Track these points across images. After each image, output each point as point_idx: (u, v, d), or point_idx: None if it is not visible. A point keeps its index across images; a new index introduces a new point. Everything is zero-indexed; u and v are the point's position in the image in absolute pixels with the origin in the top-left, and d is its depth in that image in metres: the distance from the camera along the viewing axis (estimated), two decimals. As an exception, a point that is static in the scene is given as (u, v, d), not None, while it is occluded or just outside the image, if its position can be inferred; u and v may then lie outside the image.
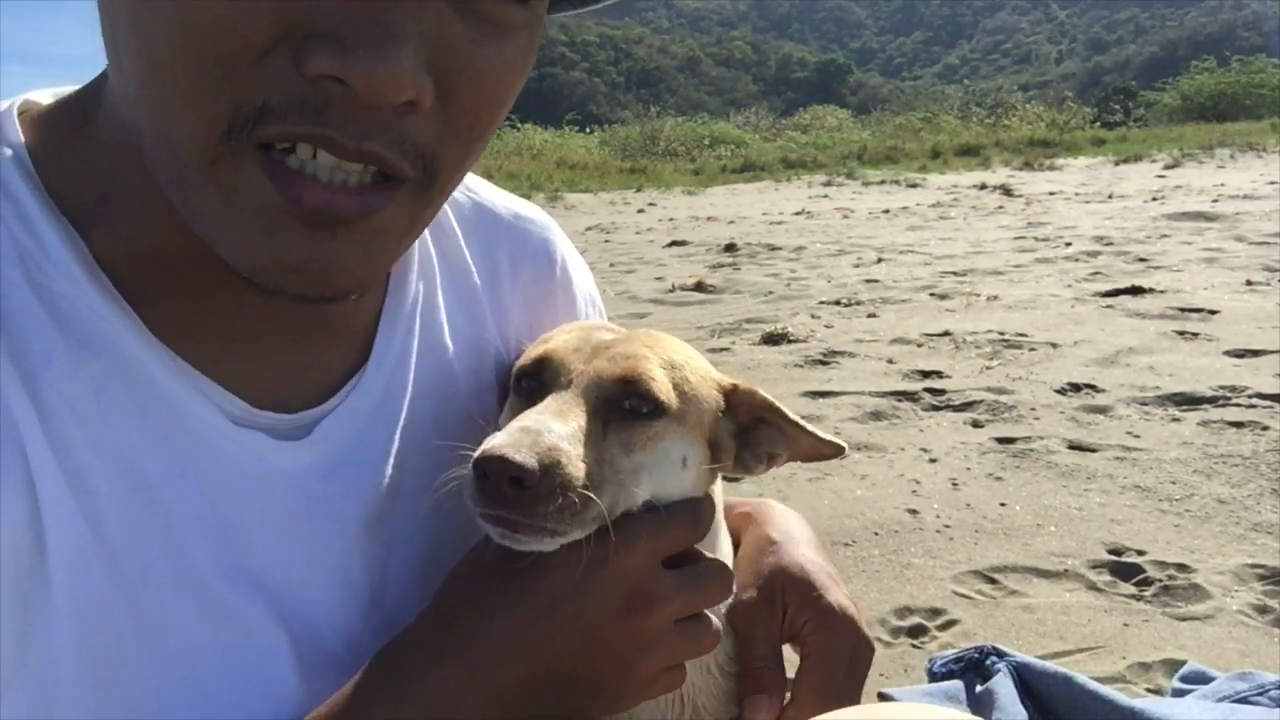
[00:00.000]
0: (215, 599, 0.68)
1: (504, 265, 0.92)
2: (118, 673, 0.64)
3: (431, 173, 0.63)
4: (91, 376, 0.65)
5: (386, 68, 0.54)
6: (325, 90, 0.55)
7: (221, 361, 0.71)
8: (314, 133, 0.57)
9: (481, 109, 0.63)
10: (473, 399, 0.85)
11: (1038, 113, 34.80)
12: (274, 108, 0.56)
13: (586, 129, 37.36)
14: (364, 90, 0.55)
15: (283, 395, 0.74)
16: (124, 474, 0.65)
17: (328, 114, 0.56)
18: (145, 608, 0.65)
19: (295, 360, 0.76)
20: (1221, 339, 4.76)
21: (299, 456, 0.73)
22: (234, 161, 0.57)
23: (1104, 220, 9.90)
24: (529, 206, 0.99)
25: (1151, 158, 18.48)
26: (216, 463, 0.69)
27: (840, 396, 4.17)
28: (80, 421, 0.64)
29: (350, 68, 0.54)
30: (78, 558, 0.62)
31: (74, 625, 0.62)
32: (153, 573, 0.65)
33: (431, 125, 0.60)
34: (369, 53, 0.54)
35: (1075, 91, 77.96)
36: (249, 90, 0.55)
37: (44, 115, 0.72)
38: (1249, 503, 2.90)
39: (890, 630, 2.31)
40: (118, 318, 0.66)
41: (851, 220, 11.77)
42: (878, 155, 24.11)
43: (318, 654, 0.72)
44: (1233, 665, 1.99)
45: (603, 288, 4.49)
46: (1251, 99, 34.46)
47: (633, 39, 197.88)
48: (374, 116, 0.57)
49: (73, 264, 0.66)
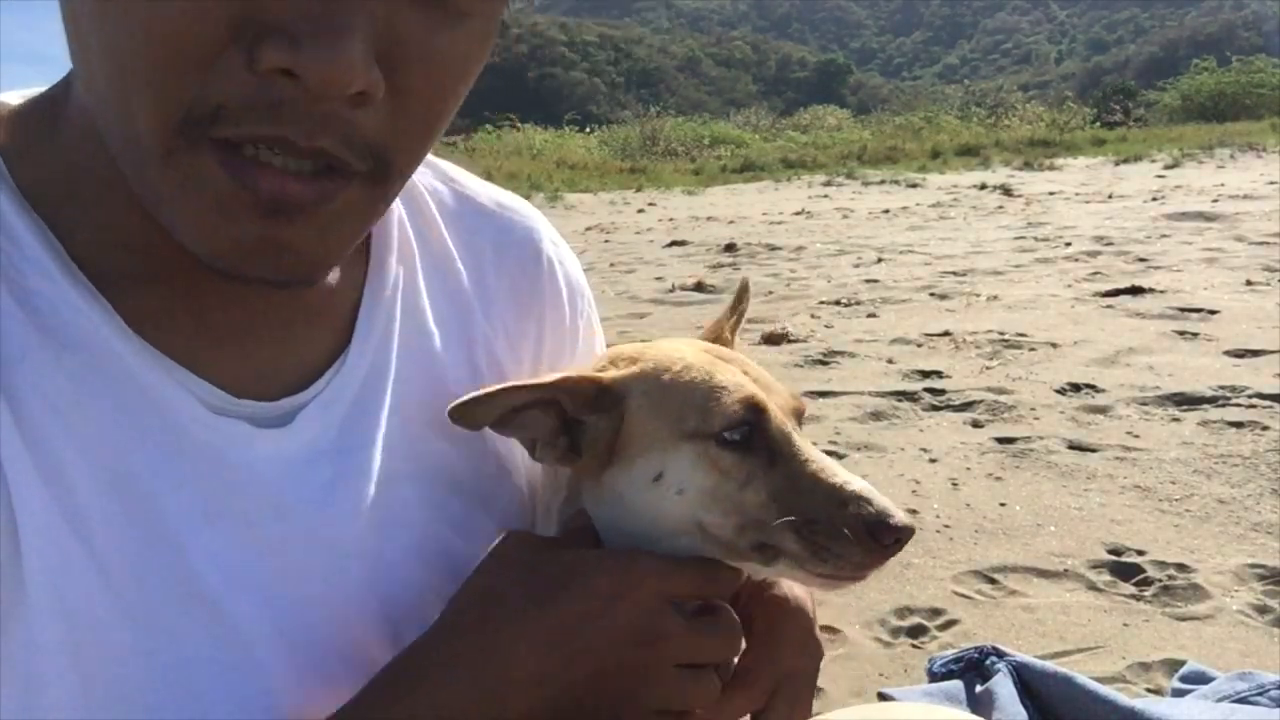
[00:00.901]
0: (202, 593, 0.67)
1: (488, 254, 0.91)
2: (105, 671, 0.63)
3: (384, 165, 0.63)
4: (68, 372, 0.65)
5: (336, 58, 0.55)
6: (278, 88, 0.56)
7: (199, 352, 0.71)
8: (268, 134, 0.57)
9: (435, 98, 0.63)
10: (460, 385, 0.84)
11: (1038, 113, 34.77)
12: (228, 109, 0.56)
13: (586, 129, 37.29)
14: (315, 82, 0.55)
15: (263, 383, 0.74)
16: (105, 469, 0.65)
17: (280, 112, 0.56)
18: (131, 604, 0.65)
19: (275, 348, 0.75)
20: (1221, 339, 4.76)
21: (283, 443, 0.72)
22: (190, 152, 0.58)
23: (1104, 220, 9.90)
24: (512, 197, 0.98)
25: (1151, 158, 18.47)
26: (198, 454, 0.68)
27: (840, 396, 4.17)
28: (57, 417, 0.64)
29: (301, 60, 0.54)
30: (57, 555, 0.62)
31: (58, 624, 0.62)
32: (138, 568, 0.65)
33: (383, 117, 0.61)
34: (319, 44, 0.54)
35: (1075, 91, 77.93)
36: (203, 90, 0.56)
37: (13, 115, 0.72)
38: (1249, 503, 2.90)
39: (890, 630, 2.31)
40: (94, 311, 0.66)
41: (851, 220, 11.77)
42: (878, 155, 24.09)
43: (310, 647, 0.71)
44: (1233, 665, 1.99)
45: (603, 288, 4.48)
46: (1251, 99, 34.44)
47: (633, 39, 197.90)
48: (325, 110, 0.57)
49: (47, 260, 0.66)
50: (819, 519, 0.72)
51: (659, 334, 5.63)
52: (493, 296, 0.90)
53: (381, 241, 0.83)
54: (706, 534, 0.76)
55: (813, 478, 0.74)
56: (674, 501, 0.75)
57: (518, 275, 0.93)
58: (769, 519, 0.74)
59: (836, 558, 0.72)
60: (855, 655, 2.22)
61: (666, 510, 0.76)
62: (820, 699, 2.07)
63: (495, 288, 0.91)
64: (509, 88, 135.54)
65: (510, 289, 0.92)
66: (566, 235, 1.04)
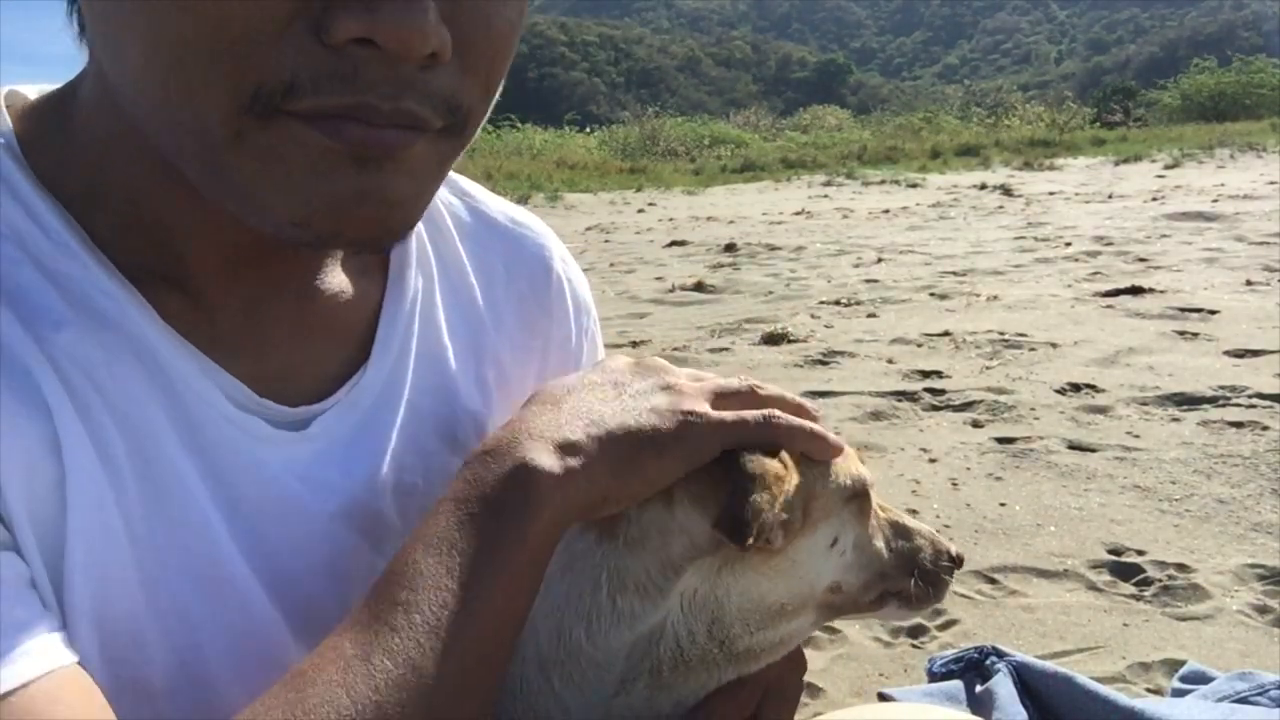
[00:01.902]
0: (226, 579, 0.68)
1: (499, 270, 0.92)
2: (128, 653, 0.64)
3: (459, 119, 0.63)
4: (103, 344, 0.64)
5: (414, 20, 0.55)
6: (352, 56, 0.55)
7: (219, 353, 0.71)
8: (349, 102, 0.57)
9: (495, 58, 0.64)
10: (471, 400, 0.85)
11: (1038, 113, 34.79)
12: (302, 82, 0.55)
13: (586, 129, 37.30)
14: (394, 45, 0.55)
15: (281, 390, 0.74)
16: (140, 446, 0.65)
17: (357, 80, 0.56)
18: (157, 585, 0.65)
19: (294, 356, 0.75)
20: (1221, 339, 4.76)
21: (296, 447, 0.73)
22: (263, 130, 0.57)
23: (1104, 220, 9.90)
24: (525, 214, 0.98)
25: (1151, 158, 18.47)
26: (220, 444, 0.69)
27: (840, 396, 4.17)
28: (97, 390, 0.63)
29: (379, 25, 0.54)
30: (100, 531, 0.62)
31: (91, 602, 0.62)
32: (167, 550, 0.65)
33: (450, 74, 0.61)
34: (395, 8, 0.54)
35: (1075, 91, 77.93)
36: (272, 67, 0.55)
37: (31, 108, 0.72)
38: (1249, 503, 2.90)
39: (890, 630, 2.31)
40: (124, 296, 0.66)
41: (851, 220, 11.77)
42: (878, 155, 24.08)
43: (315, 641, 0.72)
44: (1233, 665, 1.99)
45: (603, 288, 4.49)
46: (1251, 99, 34.43)
47: (633, 39, 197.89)
48: (402, 73, 0.57)
49: (75, 244, 0.65)
50: (923, 565, 0.84)
51: (659, 334, 5.63)
52: (502, 312, 0.91)
53: (400, 254, 0.83)
54: (837, 594, 0.80)
55: (904, 528, 0.85)
56: (837, 564, 0.79)
57: (527, 292, 0.93)
58: (895, 570, 0.83)
59: (935, 595, 0.85)
60: (855, 655, 2.22)
61: (826, 575, 0.78)
62: (820, 699, 2.07)
63: (505, 304, 0.91)
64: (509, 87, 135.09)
65: (519, 306, 0.92)
66: (566, 235, 1.04)
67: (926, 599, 0.85)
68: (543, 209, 14.07)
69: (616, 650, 0.68)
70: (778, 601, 0.73)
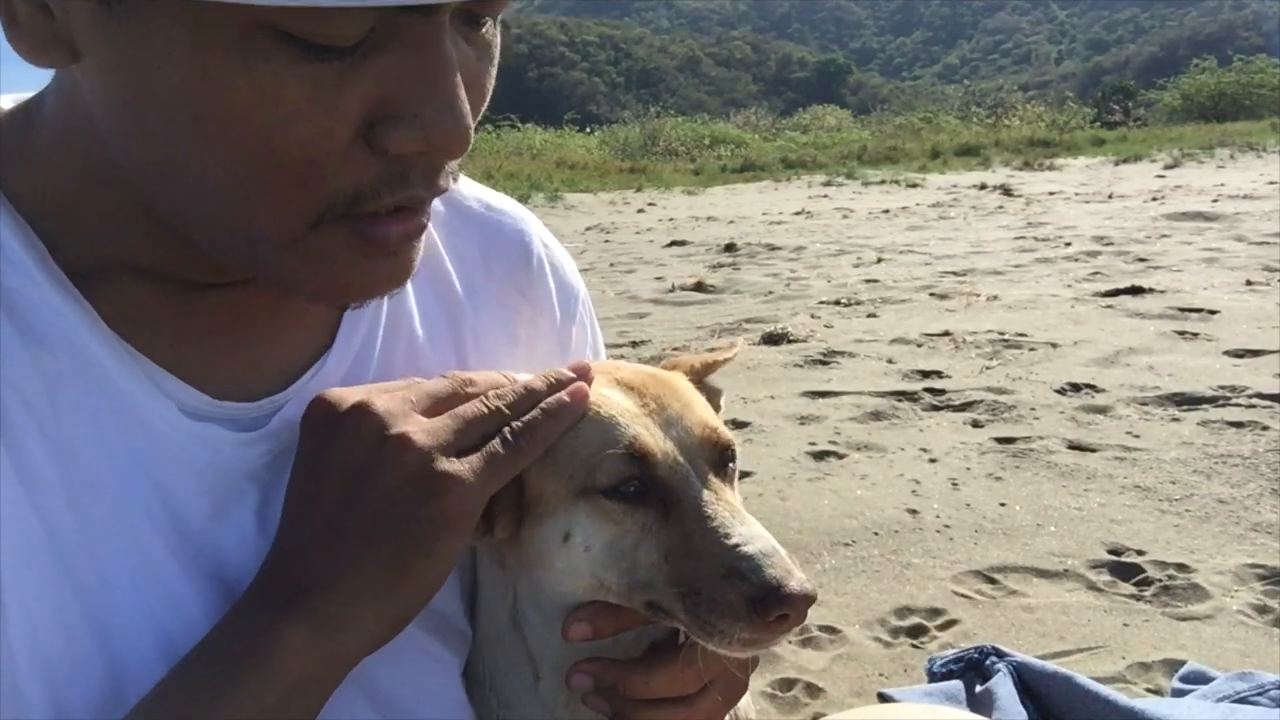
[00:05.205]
0: (173, 596, 0.69)
1: (476, 257, 0.92)
2: (72, 672, 0.64)
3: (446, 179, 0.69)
4: (46, 374, 0.66)
5: (458, 128, 0.61)
6: (402, 160, 0.62)
7: (183, 352, 0.72)
8: (404, 197, 0.63)
9: (477, 116, 0.68)
10: None
11: (1038, 113, 34.75)
12: (364, 191, 0.61)
13: (586, 129, 37.31)
14: (444, 150, 0.62)
15: (248, 384, 0.75)
16: (78, 472, 0.66)
17: (409, 179, 0.63)
18: (100, 608, 0.66)
19: (260, 348, 0.76)
20: (1221, 339, 4.76)
21: (255, 448, 0.74)
22: (317, 235, 0.63)
23: (1104, 220, 9.90)
24: (501, 198, 0.98)
25: (1151, 158, 18.46)
26: (169, 458, 0.70)
27: (840, 396, 4.17)
28: (34, 418, 0.65)
29: (432, 139, 0.60)
30: (26, 556, 0.63)
31: (25, 627, 0.63)
32: (109, 572, 0.66)
33: None
34: (443, 120, 0.60)
35: (1075, 91, 77.93)
36: (340, 184, 0.61)
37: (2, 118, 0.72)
38: (1249, 503, 2.90)
39: (890, 630, 2.32)
40: (74, 314, 0.67)
41: (851, 220, 11.77)
42: (878, 155, 24.07)
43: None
44: (1233, 665, 1.99)
45: (603, 288, 4.49)
46: (1251, 99, 34.42)
47: (633, 39, 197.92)
48: (441, 164, 0.65)
49: (28, 260, 0.66)
50: (703, 590, 0.68)
51: (659, 334, 5.63)
52: (482, 298, 0.91)
53: None
54: (609, 592, 0.75)
55: (706, 535, 0.70)
56: (583, 559, 0.74)
57: (505, 278, 0.93)
58: (658, 582, 0.71)
59: (721, 634, 0.67)
60: (855, 655, 2.22)
61: (578, 568, 0.75)
62: (820, 699, 2.07)
63: (484, 290, 0.91)
64: (509, 88, 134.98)
65: (498, 291, 0.92)
66: (566, 235, 1.04)
67: (704, 635, 0.69)
68: (543, 209, 14.06)
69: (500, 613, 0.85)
70: (561, 586, 0.77)
